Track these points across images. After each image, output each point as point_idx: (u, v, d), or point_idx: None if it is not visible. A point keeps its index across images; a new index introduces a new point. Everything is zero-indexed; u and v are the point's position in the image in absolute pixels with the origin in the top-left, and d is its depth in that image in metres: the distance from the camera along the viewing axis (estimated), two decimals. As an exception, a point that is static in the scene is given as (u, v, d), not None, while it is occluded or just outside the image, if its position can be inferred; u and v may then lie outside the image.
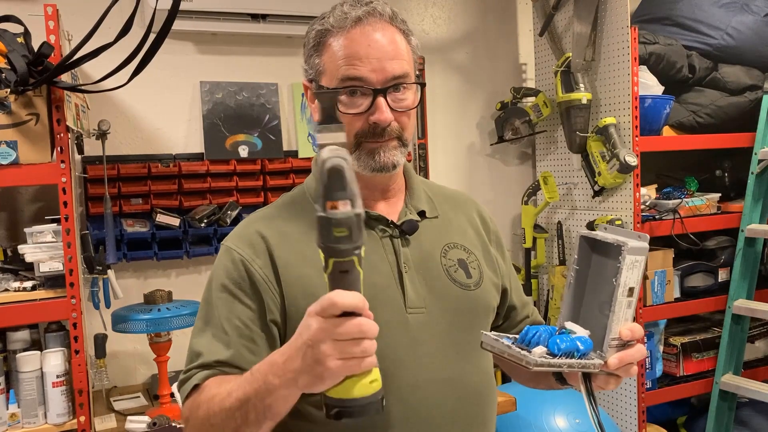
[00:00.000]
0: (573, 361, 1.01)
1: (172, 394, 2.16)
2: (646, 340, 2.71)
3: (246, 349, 1.12)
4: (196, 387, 1.10)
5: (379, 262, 1.18)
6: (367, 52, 1.12)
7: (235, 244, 1.18)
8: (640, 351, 1.05)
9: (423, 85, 1.21)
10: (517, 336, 1.06)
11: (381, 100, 1.13)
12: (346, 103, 1.14)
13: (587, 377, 1.07)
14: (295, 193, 1.28)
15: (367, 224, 1.19)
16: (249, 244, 1.17)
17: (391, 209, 1.24)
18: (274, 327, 1.14)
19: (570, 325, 1.07)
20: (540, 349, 1.01)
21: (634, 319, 2.57)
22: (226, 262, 1.17)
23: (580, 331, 1.05)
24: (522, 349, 1.01)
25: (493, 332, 1.08)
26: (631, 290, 1.03)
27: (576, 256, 1.10)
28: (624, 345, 1.04)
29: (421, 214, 1.25)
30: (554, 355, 1.01)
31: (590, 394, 1.07)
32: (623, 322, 1.04)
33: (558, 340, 1.01)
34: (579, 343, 1.02)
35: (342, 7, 1.16)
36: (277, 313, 1.14)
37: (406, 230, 1.21)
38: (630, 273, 1.02)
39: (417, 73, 1.23)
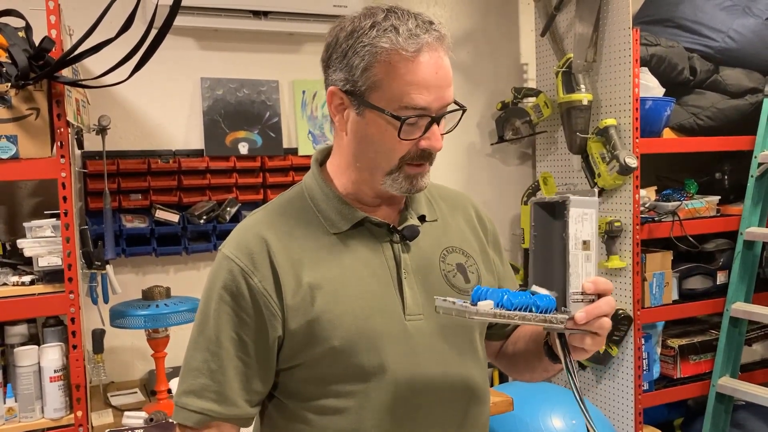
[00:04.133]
0: (527, 313, 1.01)
1: (169, 390, 2.16)
2: (646, 336, 2.72)
3: (235, 371, 1.13)
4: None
5: (379, 268, 1.17)
6: (435, 81, 1.09)
7: (233, 253, 1.15)
8: (608, 303, 1.04)
9: (464, 111, 1.19)
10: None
11: (436, 127, 1.12)
12: (409, 130, 1.11)
13: (562, 338, 1.08)
14: (294, 193, 1.25)
15: (368, 230, 1.19)
16: (248, 253, 1.14)
17: (392, 213, 1.24)
18: (276, 343, 1.14)
19: (536, 288, 1.07)
20: (487, 303, 1.00)
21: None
22: (224, 272, 1.15)
23: (545, 293, 1.05)
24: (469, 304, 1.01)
25: (446, 297, 1.06)
26: (585, 243, 1.04)
27: (533, 224, 1.11)
28: (591, 300, 1.04)
29: (421, 218, 1.25)
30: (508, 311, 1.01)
31: (566, 353, 1.08)
32: (584, 277, 1.04)
33: (510, 296, 1.01)
34: (537, 300, 1.02)
35: (406, 24, 1.09)
36: (280, 327, 1.13)
37: (407, 236, 1.20)
38: (580, 226, 1.03)
39: None
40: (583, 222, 1.04)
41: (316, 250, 1.16)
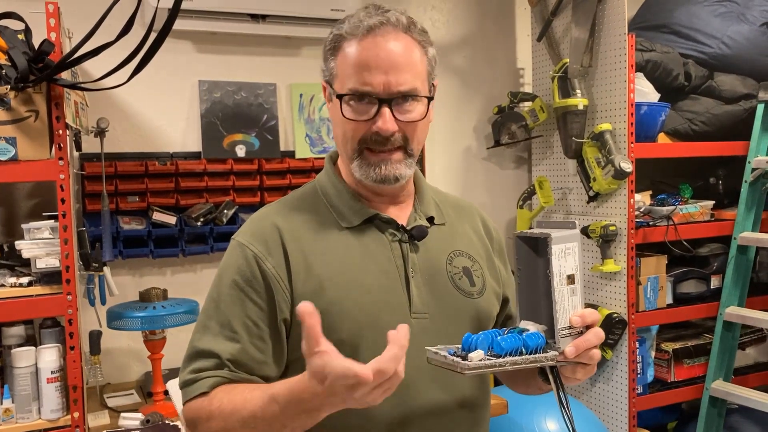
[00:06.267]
0: (518, 358, 1.01)
1: (165, 392, 2.16)
2: (640, 339, 2.73)
3: (255, 348, 1.14)
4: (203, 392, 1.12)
5: (387, 265, 1.19)
6: (377, 63, 1.12)
7: (247, 240, 1.18)
8: (596, 335, 1.05)
9: (430, 100, 1.19)
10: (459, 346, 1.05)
11: (385, 109, 1.13)
12: (352, 110, 1.14)
13: (553, 370, 1.08)
14: (307, 189, 1.28)
15: (377, 227, 1.21)
16: (262, 240, 1.17)
17: (401, 213, 1.25)
18: (283, 326, 1.15)
19: (525, 323, 1.08)
20: (477, 354, 1.00)
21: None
22: (237, 258, 1.17)
23: (534, 328, 1.05)
24: (459, 357, 1.00)
25: (437, 346, 1.06)
26: (570, 277, 1.04)
27: (516, 258, 1.12)
28: (580, 333, 1.05)
29: (430, 220, 1.27)
30: (499, 356, 1.00)
31: (559, 387, 1.08)
32: (571, 311, 1.05)
33: (501, 341, 1.01)
34: (526, 340, 1.02)
35: (360, 13, 1.16)
36: (288, 311, 1.15)
37: (415, 235, 1.22)
38: (563, 261, 1.04)
39: (431, 84, 1.22)
40: (566, 257, 1.04)
41: (327, 243, 1.18)
